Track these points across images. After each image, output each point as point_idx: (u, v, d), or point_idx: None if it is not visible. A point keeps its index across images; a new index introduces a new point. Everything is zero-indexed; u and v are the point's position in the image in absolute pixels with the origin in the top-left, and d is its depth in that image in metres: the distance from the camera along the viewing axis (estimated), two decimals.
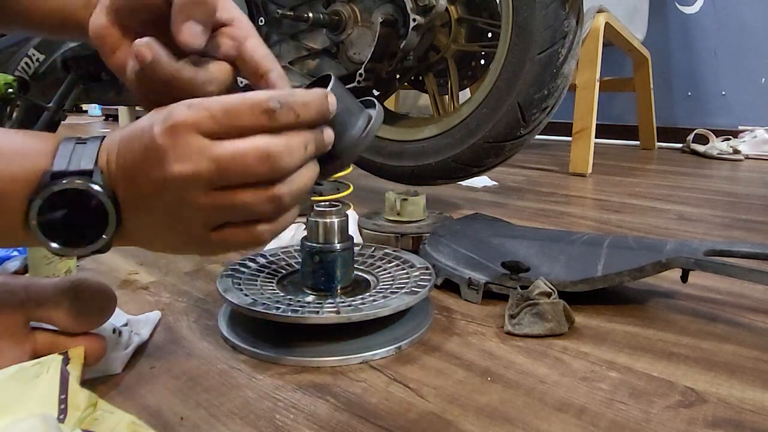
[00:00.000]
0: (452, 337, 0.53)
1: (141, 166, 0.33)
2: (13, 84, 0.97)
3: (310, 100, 0.35)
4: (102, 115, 4.23)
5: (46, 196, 0.33)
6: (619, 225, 0.98)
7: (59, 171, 0.33)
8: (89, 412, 0.36)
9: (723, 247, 0.59)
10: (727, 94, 2.33)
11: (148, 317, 0.54)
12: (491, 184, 1.42)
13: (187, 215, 0.34)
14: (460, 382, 0.45)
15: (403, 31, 0.88)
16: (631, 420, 0.39)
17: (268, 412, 0.40)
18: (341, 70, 0.95)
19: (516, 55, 0.88)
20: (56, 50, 1.06)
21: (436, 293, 0.64)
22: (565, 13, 0.85)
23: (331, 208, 0.55)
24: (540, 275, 0.57)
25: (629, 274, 0.59)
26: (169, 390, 0.43)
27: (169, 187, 0.33)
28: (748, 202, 1.20)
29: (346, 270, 0.56)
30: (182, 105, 0.33)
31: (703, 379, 0.45)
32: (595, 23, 1.61)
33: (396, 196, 0.83)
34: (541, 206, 1.15)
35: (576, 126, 1.61)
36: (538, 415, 0.40)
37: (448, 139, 0.96)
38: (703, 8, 2.33)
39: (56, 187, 0.33)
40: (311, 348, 0.49)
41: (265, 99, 0.33)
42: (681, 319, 0.57)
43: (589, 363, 0.48)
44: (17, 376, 0.34)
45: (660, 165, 1.86)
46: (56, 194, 0.33)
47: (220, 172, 0.32)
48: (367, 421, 0.39)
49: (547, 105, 0.90)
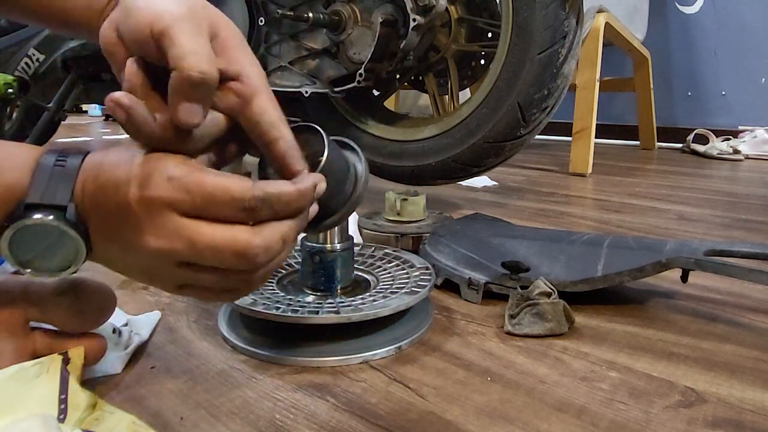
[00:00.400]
0: (452, 337, 0.53)
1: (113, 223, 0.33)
2: (13, 84, 0.97)
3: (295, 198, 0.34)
4: (102, 115, 4.23)
5: (17, 228, 0.33)
6: (619, 225, 0.98)
7: (32, 203, 0.33)
8: (89, 412, 0.36)
9: (723, 247, 0.59)
10: (727, 94, 2.33)
11: (148, 317, 0.54)
12: (491, 184, 1.42)
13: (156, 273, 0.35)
14: (460, 382, 0.45)
15: (403, 31, 0.88)
16: (631, 420, 0.39)
17: (268, 412, 0.40)
18: (341, 70, 0.95)
19: (516, 55, 0.88)
20: (56, 50, 1.06)
21: (436, 293, 0.64)
22: (565, 13, 0.85)
23: None
24: (540, 275, 0.57)
25: (629, 274, 0.59)
26: (169, 390, 0.43)
27: (141, 253, 0.33)
28: (748, 202, 1.20)
29: (346, 270, 0.56)
30: (162, 176, 0.32)
31: (703, 379, 0.45)
32: (595, 23, 1.61)
33: (396, 196, 0.83)
34: (541, 206, 1.15)
35: (576, 126, 1.61)
36: (538, 415, 0.40)
37: (448, 139, 0.96)
38: (703, 8, 2.34)
39: (28, 222, 0.33)
40: (311, 348, 0.49)
41: (249, 197, 0.32)
42: (681, 319, 0.57)
43: (589, 363, 0.48)
44: (17, 376, 0.34)
45: (660, 165, 1.86)
46: (28, 227, 0.33)
47: (194, 254, 0.33)
48: (367, 421, 0.39)
49: (547, 105, 0.90)
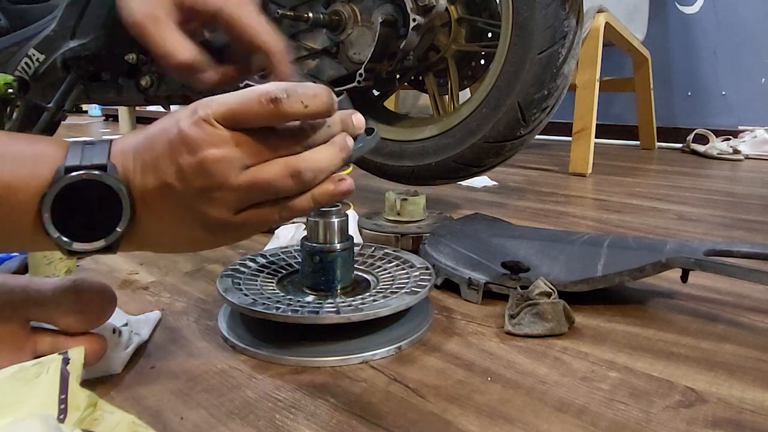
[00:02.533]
0: (452, 337, 0.53)
1: (168, 156, 0.35)
2: (13, 84, 0.97)
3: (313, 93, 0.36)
4: (102, 115, 4.23)
5: (59, 188, 0.34)
6: (619, 225, 0.98)
7: (73, 165, 0.34)
8: (89, 412, 0.35)
9: (723, 247, 0.59)
10: (727, 94, 2.33)
11: (148, 317, 0.54)
12: (491, 184, 1.42)
13: (217, 197, 0.35)
14: (460, 382, 0.45)
15: (403, 31, 0.88)
16: (631, 420, 0.39)
17: (268, 412, 0.40)
18: (341, 70, 0.95)
19: (516, 55, 0.88)
20: (56, 50, 1.06)
21: (436, 293, 0.64)
22: (565, 13, 0.85)
23: (331, 208, 0.55)
24: (540, 275, 0.57)
25: (629, 274, 0.59)
26: (169, 390, 0.43)
27: (204, 171, 0.34)
28: (748, 202, 1.20)
29: (346, 270, 0.56)
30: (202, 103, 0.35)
31: (703, 379, 0.45)
32: (595, 23, 1.61)
33: (396, 196, 0.83)
34: (541, 206, 1.15)
35: (576, 126, 1.61)
36: (538, 415, 0.40)
37: (448, 139, 0.96)
38: (703, 8, 2.33)
39: (70, 179, 0.34)
40: (311, 348, 0.49)
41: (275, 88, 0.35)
42: (681, 319, 0.57)
43: (589, 363, 0.48)
44: (17, 376, 0.34)
45: (660, 165, 1.86)
46: (69, 186, 0.34)
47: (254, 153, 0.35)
48: (367, 421, 0.39)
49: (547, 105, 0.90)
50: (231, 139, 0.34)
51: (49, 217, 0.34)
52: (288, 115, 0.35)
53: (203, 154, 0.34)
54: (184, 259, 0.76)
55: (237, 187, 0.35)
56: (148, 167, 0.35)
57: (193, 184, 0.34)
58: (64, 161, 0.34)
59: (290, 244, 0.71)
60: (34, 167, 0.34)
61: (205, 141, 0.34)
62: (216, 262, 0.75)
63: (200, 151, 0.34)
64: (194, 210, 0.36)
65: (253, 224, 0.37)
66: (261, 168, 0.35)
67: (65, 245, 0.35)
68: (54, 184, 0.34)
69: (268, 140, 0.35)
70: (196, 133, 0.34)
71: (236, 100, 0.34)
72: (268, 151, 0.35)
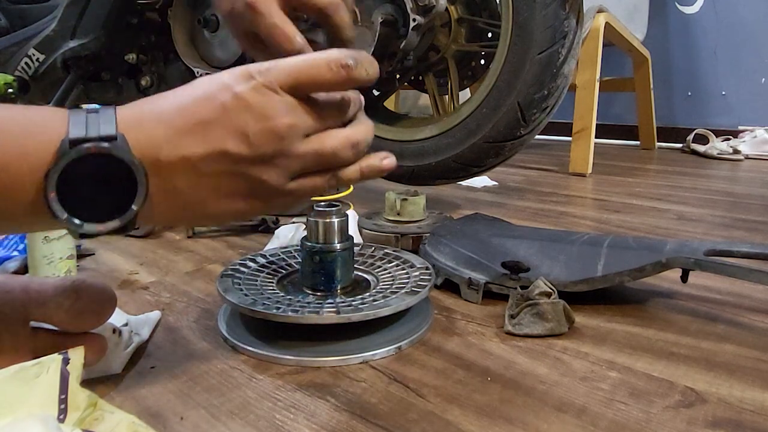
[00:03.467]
0: (452, 337, 0.53)
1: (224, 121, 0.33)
2: (13, 84, 0.97)
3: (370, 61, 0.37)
4: None
5: (65, 164, 0.30)
6: (619, 225, 0.98)
7: (77, 138, 0.31)
8: (89, 412, 0.35)
9: (723, 247, 0.59)
10: (727, 94, 2.33)
11: (148, 317, 0.54)
12: (491, 184, 1.42)
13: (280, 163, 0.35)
14: (460, 382, 0.45)
15: (403, 31, 0.88)
16: (631, 420, 0.39)
17: (268, 412, 0.40)
18: None
19: (516, 55, 0.88)
20: (56, 50, 1.06)
21: (436, 293, 0.64)
22: (565, 13, 0.85)
23: (331, 208, 0.55)
24: (540, 275, 0.57)
25: (629, 274, 0.59)
26: (169, 390, 0.43)
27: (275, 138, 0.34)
28: (748, 202, 1.20)
29: (346, 270, 0.56)
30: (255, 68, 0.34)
31: (703, 379, 0.45)
32: (595, 23, 1.61)
33: (396, 196, 0.83)
34: (541, 206, 1.15)
35: (576, 126, 1.61)
36: (538, 415, 0.40)
37: (448, 139, 0.96)
38: (703, 8, 2.33)
39: (76, 153, 0.30)
40: (311, 348, 0.49)
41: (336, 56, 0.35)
42: (681, 319, 0.57)
43: (589, 363, 0.48)
44: (17, 376, 0.34)
45: (660, 165, 1.86)
46: (77, 161, 0.30)
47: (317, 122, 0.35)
48: (367, 421, 0.39)
49: (547, 105, 0.90)
50: (298, 106, 0.34)
51: (56, 197, 0.30)
52: (357, 82, 0.35)
53: (274, 121, 0.33)
54: (184, 259, 0.76)
55: (302, 155, 0.35)
56: (190, 133, 0.33)
57: (260, 151, 0.34)
58: (67, 133, 0.31)
59: (290, 244, 0.71)
60: (33, 140, 0.31)
61: (273, 108, 0.33)
62: (216, 262, 0.75)
63: (271, 118, 0.33)
64: (247, 177, 0.34)
65: (303, 192, 0.37)
66: (325, 137, 0.36)
67: (75, 227, 0.31)
68: (60, 160, 0.30)
69: (325, 109, 0.36)
70: (261, 100, 0.33)
71: (302, 67, 0.34)
72: (328, 120, 0.36)
